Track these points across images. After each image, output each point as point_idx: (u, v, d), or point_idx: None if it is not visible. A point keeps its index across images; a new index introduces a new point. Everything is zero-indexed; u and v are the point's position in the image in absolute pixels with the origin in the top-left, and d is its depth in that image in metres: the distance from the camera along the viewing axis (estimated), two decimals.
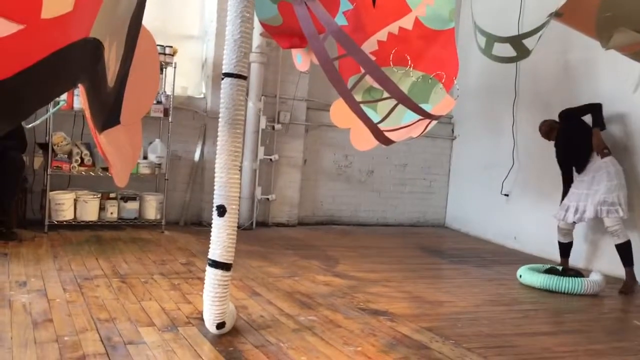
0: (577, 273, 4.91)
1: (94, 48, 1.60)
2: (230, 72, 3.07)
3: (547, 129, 5.53)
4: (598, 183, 5.05)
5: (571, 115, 5.31)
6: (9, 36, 1.26)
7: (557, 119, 5.44)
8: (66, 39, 1.43)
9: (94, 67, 1.67)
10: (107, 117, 2.21)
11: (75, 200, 5.56)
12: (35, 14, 1.28)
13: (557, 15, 2.66)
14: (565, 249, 5.45)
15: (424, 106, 4.31)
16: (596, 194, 5.03)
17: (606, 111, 5.21)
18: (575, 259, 5.57)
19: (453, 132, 7.95)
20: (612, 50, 3.06)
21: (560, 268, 5.05)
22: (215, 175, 3.08)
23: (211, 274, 3.05)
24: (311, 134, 7.18)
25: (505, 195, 6.87)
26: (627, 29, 2.54)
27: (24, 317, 3.14)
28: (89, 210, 5.61)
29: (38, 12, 1.28)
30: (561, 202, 5.36)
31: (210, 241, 3.07)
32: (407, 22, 4.62)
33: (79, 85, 1.77)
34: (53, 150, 5.42)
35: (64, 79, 1.53)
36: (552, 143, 5.54)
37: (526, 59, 3.69)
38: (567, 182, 5.36)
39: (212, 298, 3.03)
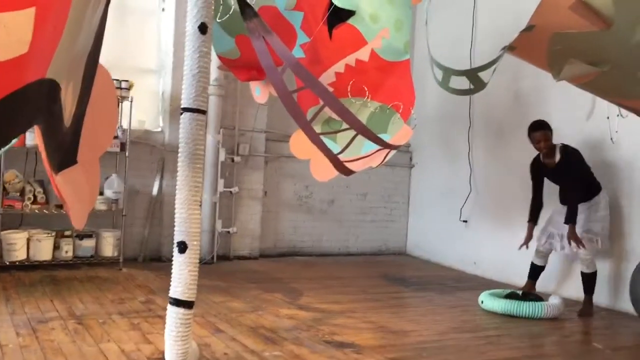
0: (537, 297, 4.99)
1: (50, 89, 1.57)
2: (190, 106, 3.04)
3: (550, 144, 5.10)
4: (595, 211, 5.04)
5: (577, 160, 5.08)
6: None
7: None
8: (22, 80, 1.39)
9: (51, 108, 1.64)
10: (64, 157, 2.16)
11: (28, 240, 5.37)
12: None
13: (510, 49, 2.75)
14: (536, 271, 5.37)
15: (382, 136, 4.37)
16: (579, 222, 4.93)
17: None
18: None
19: (411, 160, 8.07)
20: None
21: (520, 292, 5.12)
22: (176, 211, 3.02)
23: (172, 312, 2.97)
24: (271, 166, 7.16)
25: (464, 221, 6.97)
26: (577, 61, 2.65)
27: None
28: (43, 250, 5.42)
29: None
30: (530, 216, 5.26)
31: (171, 279, 3.00)
32: (363, 54, 4.68)
33: (35, 126, 1.72)
34: (4, 188, 5.25)
35: (20, 120, 1.49)
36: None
37: None
38: (536, 198, 5.26)
39: (174, 337, 2.95)
